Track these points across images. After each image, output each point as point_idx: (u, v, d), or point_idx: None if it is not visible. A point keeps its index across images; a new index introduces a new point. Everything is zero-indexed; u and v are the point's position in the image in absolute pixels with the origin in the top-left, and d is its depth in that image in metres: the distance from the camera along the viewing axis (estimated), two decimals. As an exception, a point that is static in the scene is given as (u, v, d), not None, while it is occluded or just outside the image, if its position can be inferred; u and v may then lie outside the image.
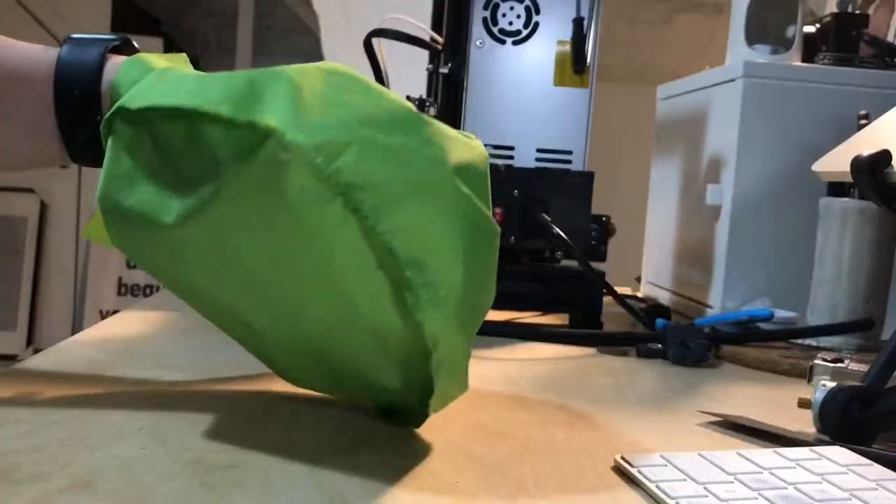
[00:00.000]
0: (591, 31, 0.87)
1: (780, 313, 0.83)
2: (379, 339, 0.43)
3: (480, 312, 0.46)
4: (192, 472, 0.40)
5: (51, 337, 2.99)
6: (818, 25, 1.01)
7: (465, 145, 0.44)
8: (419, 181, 0.40)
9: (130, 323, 0.75)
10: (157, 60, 0.48)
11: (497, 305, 0.88)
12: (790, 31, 0.98)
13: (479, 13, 0.87)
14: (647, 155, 1.22)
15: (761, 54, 0.97)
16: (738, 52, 0.98)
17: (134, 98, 0.44)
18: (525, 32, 0.88)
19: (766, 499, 0.38)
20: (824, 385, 0.53)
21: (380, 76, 0.91)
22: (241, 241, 0.42)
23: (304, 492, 0.38)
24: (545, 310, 0.95)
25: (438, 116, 0.88)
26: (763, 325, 0.83)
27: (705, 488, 0.39)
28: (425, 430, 0.49)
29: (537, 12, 0.87)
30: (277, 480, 0.40)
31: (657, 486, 0.40)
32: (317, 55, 3.49)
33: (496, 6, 0.87)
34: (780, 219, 0.91)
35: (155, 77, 0.46)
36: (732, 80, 0.93)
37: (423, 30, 0.93)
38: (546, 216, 0.85)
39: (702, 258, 0.98)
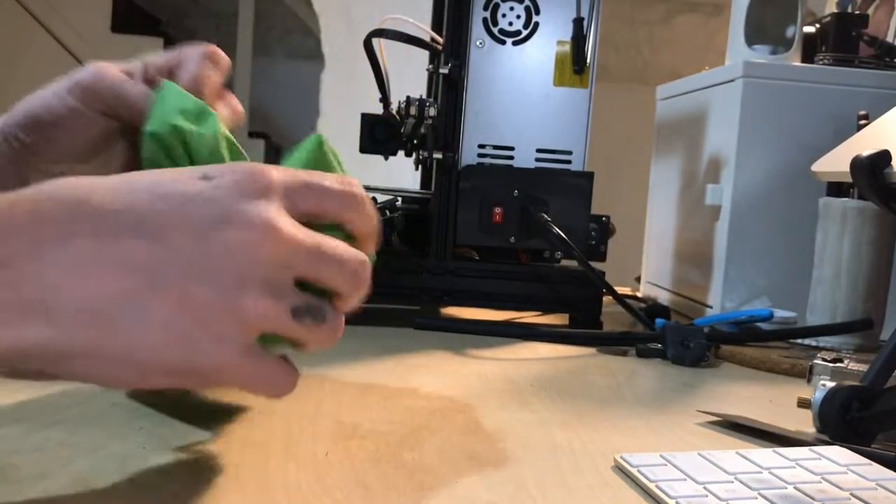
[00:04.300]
0: (590, 32, 0.87)
1: (780, 313, 0.83)
2: None
3: None
4: (192, 472, 0.40)
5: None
6: (818, 25, 1.01)
7: None
8: None
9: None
10: None
11: (497, 305, 0.89)
12: (790, 31, 0.98)
13: (479, 13, 0.87)
14: (647, 155, 1.22)
15: (761, 54, 0.97)
16: (738, 52, 0.98)
17: None
18: (525, 33, 0.88)
19: (766, 498, 0.38)
20: (824, 385, 0.53)
21: (380, 76, 0.91)
22: None
23: (305, 494, 0.38)
24: (545, 310, 0.95)
25: (438, 116, 0.88)
26: (762, 325, 0.84)
27: (705, 488, 0.39)
28: (425, 430, 0.49)
29: (537, 12, 0.87)
30: (278, 481, 0.40)
31: (657, 486, 0.40)
32: (317, 55, 3.50)
33: (496, 6, 0.87)
34: (780, 219, 0.92)
35: None
36: (732, 81, 0.93)
37: (423, 30, 0.93)
38: (546, 216, 0.85)
39: (701, 258, 0.98)
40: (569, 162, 0.89)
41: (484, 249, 0.91)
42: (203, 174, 0.35)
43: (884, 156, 0.65)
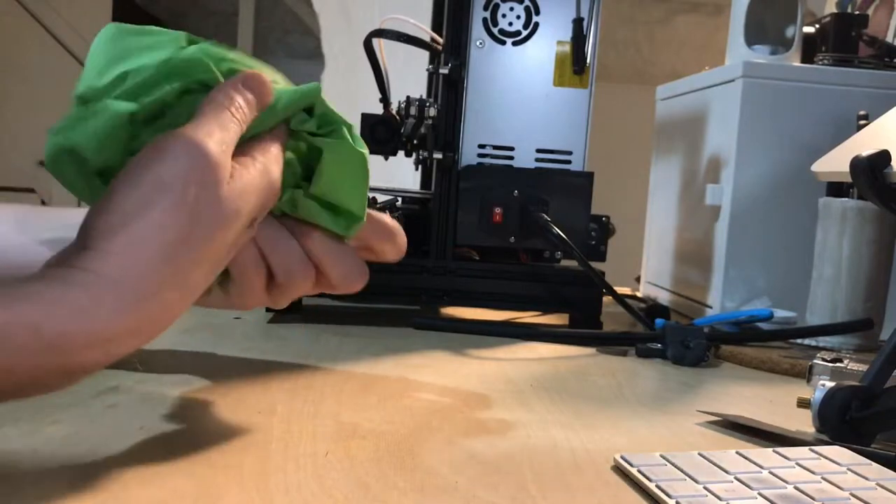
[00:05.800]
0: (590, 32, 0.87)
1: (780, 313, 0.83)
2: None
3: None
4: (193, 472, 0.40)
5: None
6: (818, 26, 1.01)
7: None
8: None
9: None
10: None
11: (497, 305, 0.89)
12: (790, 32, 0.98)
13: (479, 13, 0.87)
14: (647, 155, 1.22)
15: (761, 54, 0.97)
16: (738, 52, 0.98)
17: None
18: (525, 33, 0.88)
19: (766, 498, 0.38)
20: (823, 385, 0.53)
21: (380, 76, 0.91)
22: None
23: (305, 494, 0.38)
24: (545, 310, 0.95)
25: (438, 116, 0.88)
26: (762, 325, 0.84)
27: (705, 488, 0.39)
28: (425, 430, 0.49)
29: (537, 13, 0.87)
30: (278, 481, 0.40)
31: (657, 486, 0.40)
32: (317, 55, 3.50)
33: (496, 7, 0.87)
34: (780, 219, 0.92)
35: None
36: (732, 81, 0.93)
37: (423, 30, 0.93)
38: (546, 216, 0.85)
39: (701, 258, 0.98)
40: (569, 162, 0.89)
41: (484, 249, 0.91)
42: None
43: (884, 156, 0.65)
